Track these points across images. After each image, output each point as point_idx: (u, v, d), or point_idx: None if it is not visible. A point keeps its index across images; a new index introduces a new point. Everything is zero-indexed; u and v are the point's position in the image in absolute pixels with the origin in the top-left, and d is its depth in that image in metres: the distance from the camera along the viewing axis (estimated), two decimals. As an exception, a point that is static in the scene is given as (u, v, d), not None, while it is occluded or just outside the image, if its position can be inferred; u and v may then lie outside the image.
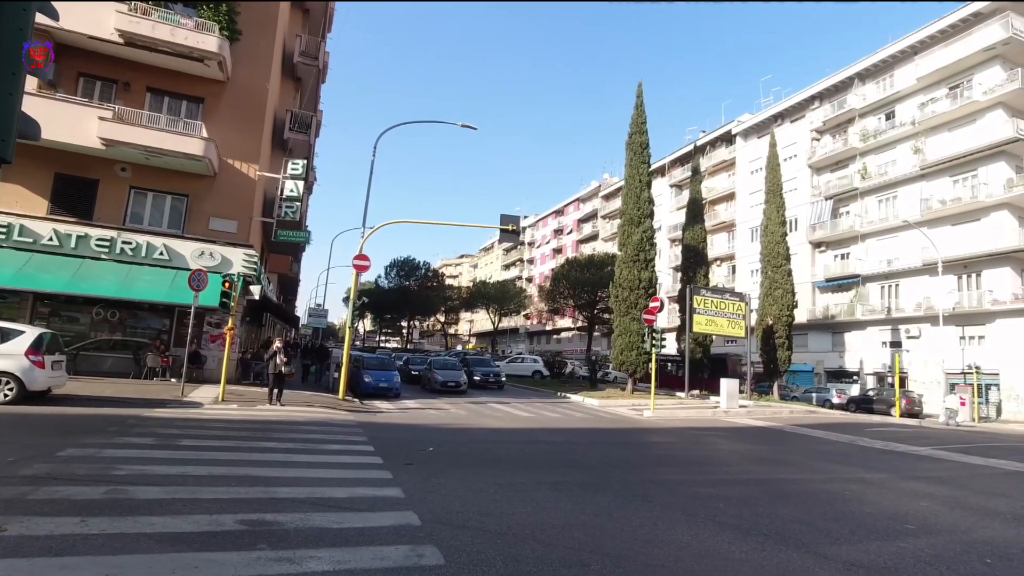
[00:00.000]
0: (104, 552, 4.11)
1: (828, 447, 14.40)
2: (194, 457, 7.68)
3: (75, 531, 4.46)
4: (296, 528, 4.97)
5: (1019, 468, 12.43)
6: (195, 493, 5.86)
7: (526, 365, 37.64)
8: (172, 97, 18.34)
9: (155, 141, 16.49)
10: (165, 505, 5.37)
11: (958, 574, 5.05)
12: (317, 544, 4.61)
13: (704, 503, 7.16)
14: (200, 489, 6.03)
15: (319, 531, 4.94)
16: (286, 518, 5.22)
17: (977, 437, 19.89)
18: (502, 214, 19.36)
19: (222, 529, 4.80)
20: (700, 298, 28.31)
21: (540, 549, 4.92)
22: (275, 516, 5.26)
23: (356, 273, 18.33)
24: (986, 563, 5.42)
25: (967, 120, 33.03)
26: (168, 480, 6.32)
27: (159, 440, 8.68)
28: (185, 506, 5.38)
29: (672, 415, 20.45)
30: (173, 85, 18.11)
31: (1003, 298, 30.36)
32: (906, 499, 8.35)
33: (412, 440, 11.05)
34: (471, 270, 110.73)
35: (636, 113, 28.33)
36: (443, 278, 78.24)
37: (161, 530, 4.67)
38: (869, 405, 29.74)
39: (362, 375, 20.20)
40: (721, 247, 49.53)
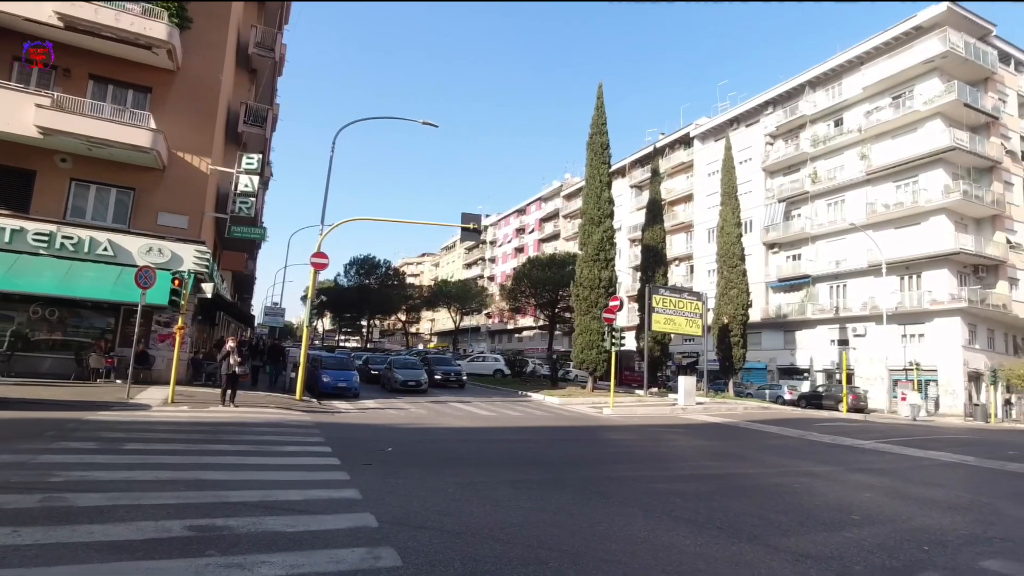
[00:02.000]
0: (38, 563, 3.89)
1: (780, 442, 14.87)
2: (140, 461, 7.36)
3: (5, 542, 4.20)
4: (248, 533, 4.81)
5: (954, 459, 13.11)
6: (140, 499, 5.61)
7: (488, 364, 37.60)
8: (117, 86, 17.52)
9: (98, 131, 15.72)
10: (107, 512, 5.11)
11: (898, 561, 5.27)
12: (270, 549, 4.47)
13: (661, 498, 7.29)
14: (145, 495, 5.78)
15: (272, 535, 4.79)
16: (237, 523, 5.05)
17: (917, 430, 20.91)
18: (463, 212, 19.26)
19: (169, 536, 4.61)
20: (659, 297, 28.82)
21: (499, 548, 4.90)
22: (226, 521, 5.08)
23: (314, 271, 17.93)
24: (924, 550, 5.68)
25: (909, 129, 34.66)
26: (111, 486, 6.03)
27: (102, 444, 8.29)
28: (129, 513, 5.13)
29: (631, 412, 20.76)
30: (118, 73, 17.31)
31: (941, 298, 32.00)
32: (852, 491, 8.69)
33: (371, 440, 10.88)
34: (433, 269, 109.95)
35: (596, 114, 28.63)
36: (404, 277, 77.46)
37: (101, 539, 4.44)
38: (818, 401, 30.88)
39: (320, 375, 19.79)
40: (680, 247, 50.58)
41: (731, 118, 47.56)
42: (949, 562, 5.34)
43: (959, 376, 31.36)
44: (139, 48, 16.50)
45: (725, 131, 45.98)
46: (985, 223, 34.23)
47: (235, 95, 22.27)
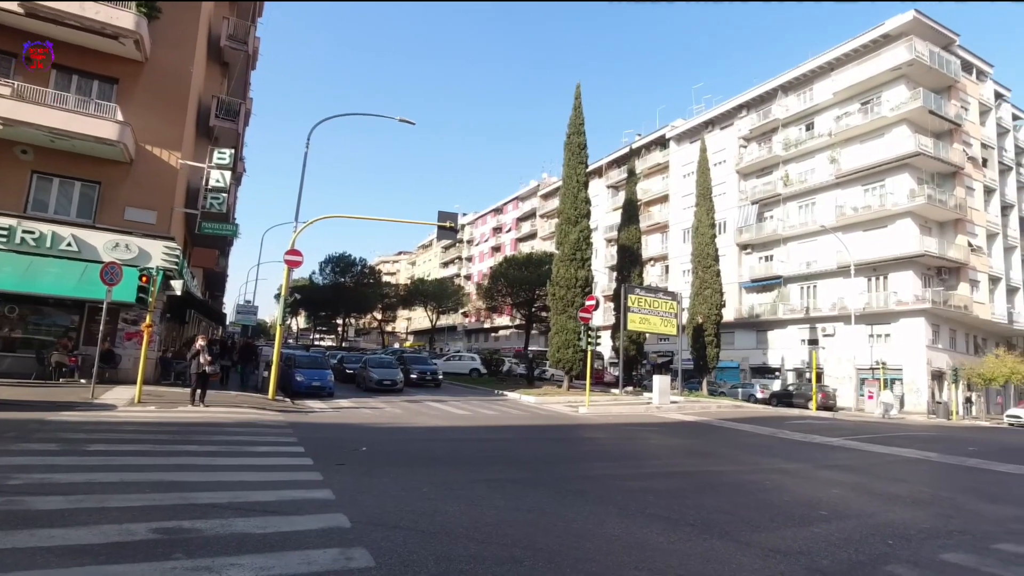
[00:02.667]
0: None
1: (752, 440, 15.13)
2: (104, 463, 7.14)
3: (-41, 547, 4.04)
4: (216, 535, 4.70)
5: (917, 456, 13.51)
6: (104, 502, 5.44)
7: (464, 363, 37.50)
8: (82, 76, 16.97)
9: (61, 122, 15.22)
10: (68, 516, 4.95)
11: (864, 555, 5.40)
12: (239, 551, 4.38)
13: (635, 496, 7.34)
14: (109, 497, 5.61)
15: (242, 537, 4.70)
16: (206, 525, 4.94)
17: (883, 428, 21.49)
18: (440, 211, 19.19)
19: (133, 539, 4.48)
20: (634, 297, 29.08)
21: (473, 547, 4.88)
22: (193, 523, 4.96)
23: (288, 269, 17.65)
24: (888, 544, 5.83)
25: (877, 134, 35.57)
26: (73, 489, 5.84)
27: (64, 446, 8.03)
28: (91, 516, 4.98)
29: (606, 411, 20.91)
30: (83, 63, 16.77)
31: (906, 299, 32.92)
32: (820, 487, 8.89)
33: (345, 440, 10.75)
34: (409, 267, 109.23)
35: (574, 114, 28.74)
36: (380, 275, 76.80)
37: (62, 543, 4.30)
38: (789, 399, 31.51)
39: (293, 374, 19.50)
40: (655, 247, 51.11)
41: (706, 120, 48.22)
42: (912, 555, 5.49)
43: (923, 375, 32.31)
44: (105, 38, 16.02)
45: (700, 133, 46.60)
46: (948, 227, 35.33)
47: (206, 88, 21.80)
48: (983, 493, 9.21)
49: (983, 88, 40.12)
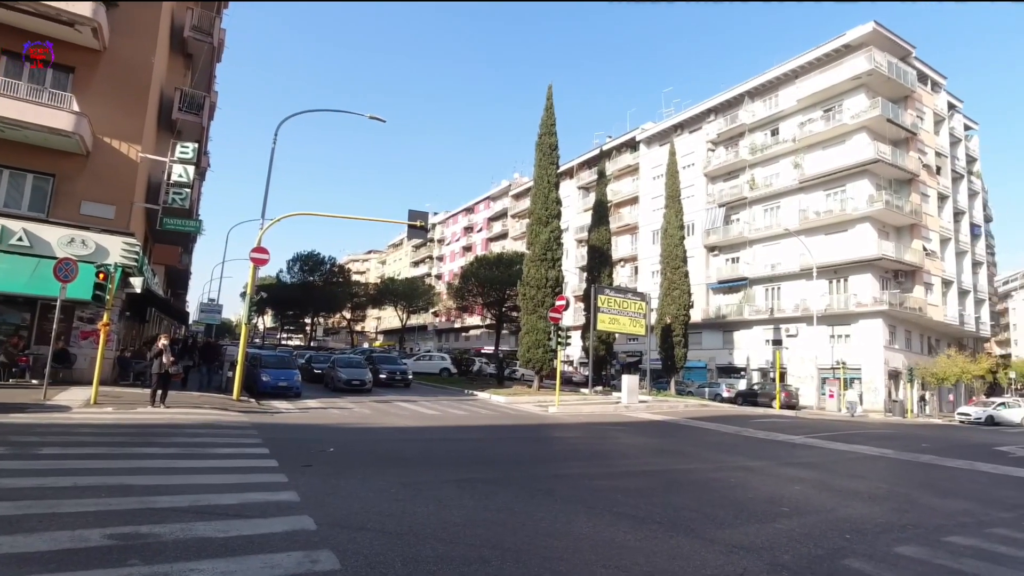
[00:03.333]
0: (-67, 579, 3.56)
1: (718, 438, 15.42)
2: (56, 467, 6.87)
3: None
4: (176, 540, 4.56)
5: (875, 453, 13.97)
6: (55, 507, 5.22)
7: (434, 363, 37.30)
8: (37, 64, 16.29)
9: (12, 111, 14.57)
10: (16, 522, 4.73)
11: (823, 549, 5.55)
12: (199, 556, 4.26)
13: (603, 495, 7.40)
14: (61, 502, 5.39)
15: (202, 541, 4.57)
16: (164, 529, 4.79)
17: (843, 425, 22.14)
18: (410, 210, 19.02)
19: (86, 546, 4.32)
20: (604, 297, 29.34)
21: (441, 548, 4.85)
22: (151, 528, 4.81)
23: (254, 267, 17.28)
24: (846, 538, 6.01)
25: (838, 140, 36.66)
26: (21, 494, 5.60)
27: (12, 449, 7.69)
28: (41, 522, 4.77)
29: (576, 411, 21.04)
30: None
31: (865, 301, 34.01)
32: (783, 484, 9.10)
33: (312, 441, 10.56)
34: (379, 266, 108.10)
35: (546, 115, 28.84)
36: (349, 274, 75.81)
37: (9, 550, 4.11)
38: (754, 398, 32.21)
39: (259, 374, 19.10)
40: (625, 248, 51.66)
41: (675, 124, 48.95)
42: (868, 549, 5.67)
43: (880, 374, 33.43)
44: (61, 25, 15.41)
45: (670, 136, 47.31)
46: (904, 231, 36.64)
47: (169, 80, 21.17)
48: (935, 488, 9.56)
49: (937, 99, 41.73)
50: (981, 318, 45.12)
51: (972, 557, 5.60)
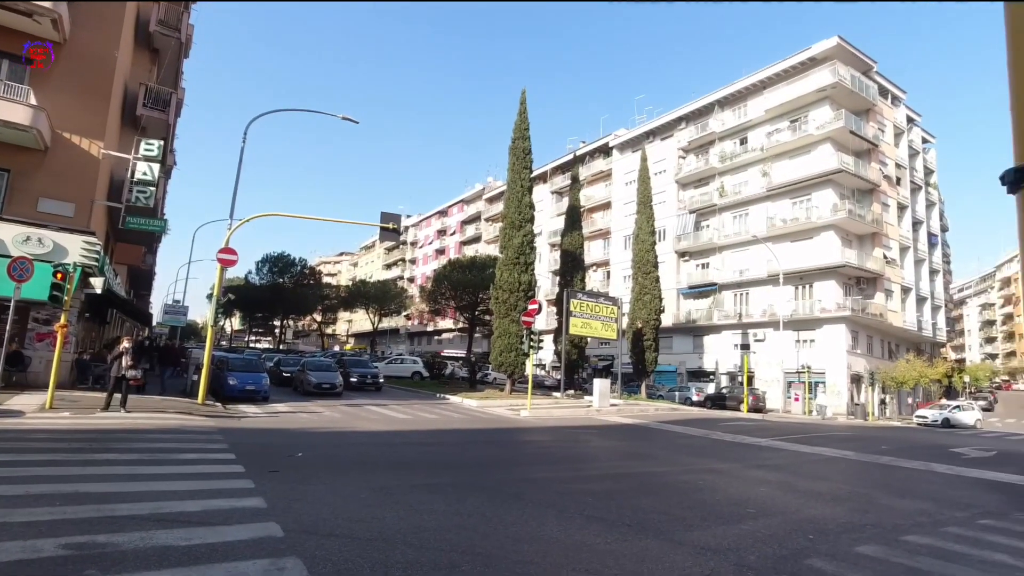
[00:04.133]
0: None
1: (687, 441, 15.63)
2: (8, 474, 6.59)
3: None
4: (135, 549, 4.42)
5: (837, 454, 14.34)
6: (6, 516, 5.01)
7: (406, 366, 36.99)
8: (-9, 55, 15.69)
9: (-34, 104, 14.01)
10: (-36, 532, 4.53)
11: (787, 550, 5.68)
12: (160, 565, 4.13)
13: (574, 498, 7.43)
14: (13, 511, 5.17)
15: (163, 550, 4.44)
16: (124, 538, 4.63)
17: (807, 428, 22.68)
18: (383, 212, 18.83)
19: (39, 556, 4.15)
20: (577, 302, 29.52)
21: (411, 553, 4.80)
22: (110, 537, 4.65)
23: (221, 268, 16.89)
24: (809, 538, 6.15)
25: (804, 150, 37.67)
26: (-30, 502, 5.37)
27: (-38, 456, 7.36)
28: (-9, 532, 4.58)
29: (548, 414, 21.10)
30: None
31: (829, 307, 34.96)
32: (749, 486, 9.27)
33: (280, 445, 10.36)
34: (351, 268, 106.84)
35: (519, 120, 28.94)
36: (320, 276, 74.73)
37: (-44, 562, 3.93)
38: (723, 402, 32.77)
39: (226, 377, 18.66)
40: (597, 253, 52.09)
41: (648, 131, 49.65)
42: (830, 549, 5.81)
43: (843, 378, 34.37)
44: (18, 15, 14.86)
45: (642, 143, 47.95)
46: (866, 240, 37.80)
47: (133, 75, 20.59)
48: (893, 488, 9.86)
49: (897, 112, 43.24)
50: (938, 324, 46.80)
51: (928, 555, 5.80)
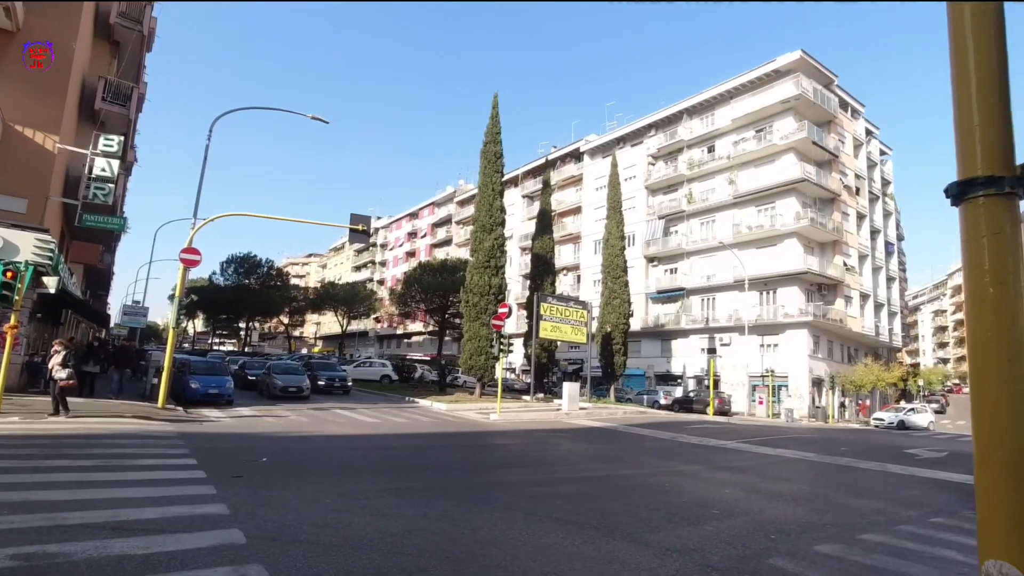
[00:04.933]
0: None
1: (654, 444, 15.83)
2: (-49, 482, 6.29)
3: None
4: (89, 559, 4.27)
5: (799, 456, 14.71)
6: (-51, 526, 4.79)
7: (375, 369, 36.59)
8: (-60, 43, 14.99)
9: (-87, 94, 13.35)
10: (-98, 543, 4.31)
11: (750, 550, 5.80)
12: (116, 575, 4.00)
13: (543, 501, 7.46)
14: (-44, 521, 4.94)
15: (119, 559, 4.29)
16: (77, 548, 4.47)
17: (770, 431, 23.22)
18: (352, 213, 18.59)
19: (-16, 567, 3.97)
20: (547, 305, 29.64)
21: (378, 558, 4.75)
22: (61, 547, 4.47)
23: (184, 268, 16.44)
24: (771, 538, 6.30)
25: (769, 160, 38.65)
26: (-91, 512, 5.10)
27: (-100, 463, 6.99)
28: (-68, 543, 4.36)
29: (517, 418, 21.12)
30: (-58, 29, 14.82)
31: (792, 312, 35.89)
32: (714, 487, 9.45)
33: (244, 450, 10.13)
34: (320, 270, 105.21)
35: (491, 123, 28.97)
36: (288, 277, 73.28)
37: None
38: (690, 405, 33.27)
39: (188, 380, 18.14)
40: (568, 257, 52.43)
41: (618, 137, 50.25)
42: (791, 548, 5.97)
43: (805, 382, 35.30)
44: (-29, 3, 14.25)
45: (612, 149, 48.49)
46: (827, 247, 38.96)
47: (92, 68, 19.92)
48: (851, 489, 10.18)
49: (857, 125, 44.74)
50: (894, 329, 48.48)
51: (882, 553, 5.99)
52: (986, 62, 1.44)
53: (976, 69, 1.45)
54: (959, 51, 1.48)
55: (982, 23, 1.48)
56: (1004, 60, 1.48)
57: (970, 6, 1.50)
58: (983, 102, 1.44)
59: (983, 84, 1.44)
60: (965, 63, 1.46)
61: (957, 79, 1.49)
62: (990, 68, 1.44)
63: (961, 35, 1.48)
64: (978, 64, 1.45)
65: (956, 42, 1.49)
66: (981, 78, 1.44)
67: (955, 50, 1.50)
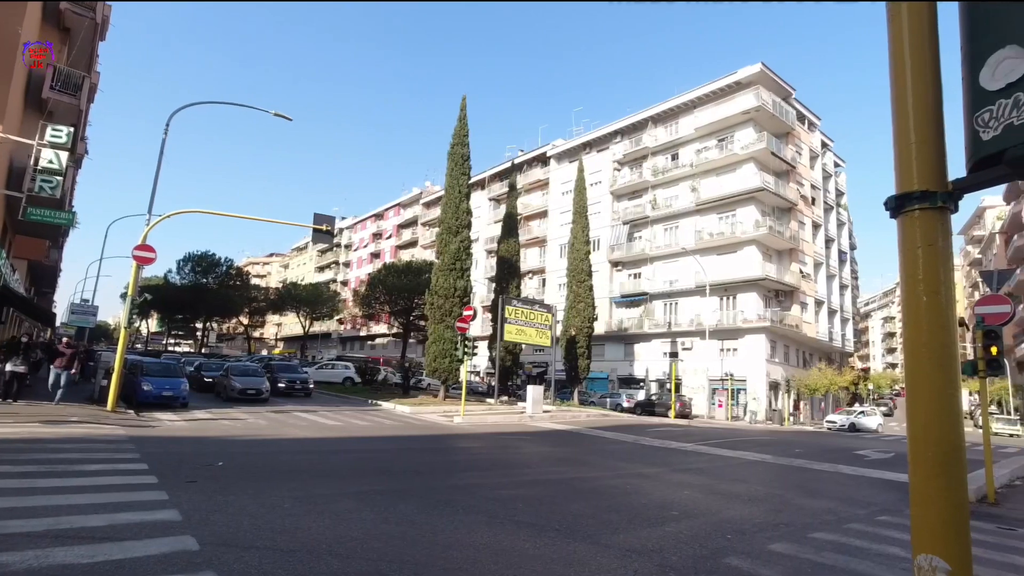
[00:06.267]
0: None
1: (617, 447, 16.03)
2: None
3: None
4: (29, 568, 4.08)
5: (756, 458, 15.11)
6: None
7: (337, 371, 35.98)
8: None
9: None
10: None
11: (707, 549, 5.93)
12: (57, 585, 3.83)
13: (505, 504, 7.47)
14: None
15: (61, 569, 4.11)
16: (15, 558, 4.26)
17: (729, 433, 23.78)
18: (316, 213, 18.30)
19: (-87, 579, 3.76)
20: (512, 308, 29.70)
21: (336, 564, 4.68)
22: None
23: (137, 265, 15.89)
24: (727, 538, 6.46)
25: (730, 168, 39.68)
26: None
27: None
28: None
29: (481, 421, 21.09)
30: None
31: (750, 317, 36.88)
32: (674, 489, 9.62)
33: (198, 454, 9.82)
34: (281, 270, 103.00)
35: (459, 125, 28.94)
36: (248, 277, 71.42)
37: None
38: (652, 408, 33.78)
39: (140, 382, 17.49)
40: (533, 260, 52.67)
41: (585, 142, 50.79)
42: (746, 547, 6.13)
43: (763, 385, 36.30)
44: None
45: (579, 154, 48.99)
46: (784, 255, 40.20)
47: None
48: (805, 489, 10.51)
49: (813, 137, 46.36)
50: (846, 335, 50.31)
51: (832, 551, 6.21)
52: (922, 85, 1.54)
53: (913, 92, 1.54)
54: (898, 75, 1.57)
55: (919, 51, 1.57)
56: (939, 84, 1.57)
57: (909, 36, 1.60)
58: (919, 122, 1.53)
59: (920, 106, 1.53)
60: (904, 86, 1.56)
61: (896, 100, 1.58)
62: (926, 91, 1.53)
63: (901, 61, 1.57)
64: (915, 87, 1.54)
65: (896, 67, 1.59)
66: (918, 100, 1.54)
67: (895, 74, 1.59)
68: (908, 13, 1.57)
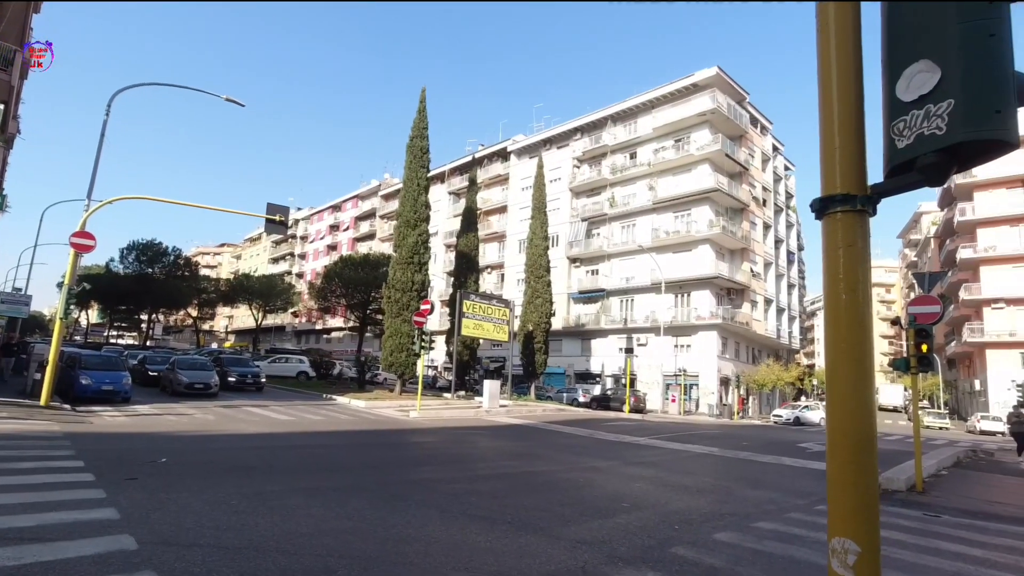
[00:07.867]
0: None
1: (572, 441, 16.24)
2: None
3: None
4: (-52, 572, 3.86)
5: (705, 451, 15.59)
6: None
7: (291, 365, 35.18)
8: None
9: None
10: None
11: (655, 540, 6.10)
12: (-20, 589, 3.64)
13: (458, 499, 7.48)
14: None
15: (-15, 572, 3.91)
16: (-67, 560, 4.03)
17: (680, 427, 24.42)
18: (269, 203, 17.81)
19: None
20: (470, 303, 29.65)
21: (284, 560, 4.60)
22: (-85, 560, 4.02)
23: (75, 253, 15.12)
24: (675, 529, 6.65)
25: (686, 169, 40.62)
26: None
27: None
28: None
29: (437, 415, 21.01)
30: None
31: (704, 314, 37.92)
32: (625, 482, 9.84)
33: (140, 451, 9.47)
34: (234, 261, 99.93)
35: (418, 118, 28.61)
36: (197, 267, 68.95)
37: None
38: (607, 403, 34.33)
39: (78, 376, 16.69)
40: (492, 255, 52.69)
41: (545, 138, 51.03)
42: (692, 537, 6.33)
43: (714, 381, 37.41)
44: None
45: (539, 150, 49.22)
46: (736, 254, 41.47)
47: (-29, 28, 17.86)
48: (749, 480, 10.91)
49: (765, 141, 47.91)
50: (793, 333, 52.34)
51: (773, 539, 6.48)
52: (846, 90, 1.63)
53: (839, 96, 1.63)
54: (825, 79, 1.66)
55: (844, 54, 1.67)
56: (861, 89, 1.67)
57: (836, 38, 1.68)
58: (843, 127, 1.62)
59: (844, 110, 1.62)
60: (829, 90, 1.65)
61: (823, 104, 1.67)
62: (849, 96, 1.63)
63: (828, 65, 1.66)
64: (840, 91, 1.63)
65: (823, 71, 1.68)
66: (842, 104, 1.63)
67: (822, 79, 1.68)
68: (835, 14, 1.66)
